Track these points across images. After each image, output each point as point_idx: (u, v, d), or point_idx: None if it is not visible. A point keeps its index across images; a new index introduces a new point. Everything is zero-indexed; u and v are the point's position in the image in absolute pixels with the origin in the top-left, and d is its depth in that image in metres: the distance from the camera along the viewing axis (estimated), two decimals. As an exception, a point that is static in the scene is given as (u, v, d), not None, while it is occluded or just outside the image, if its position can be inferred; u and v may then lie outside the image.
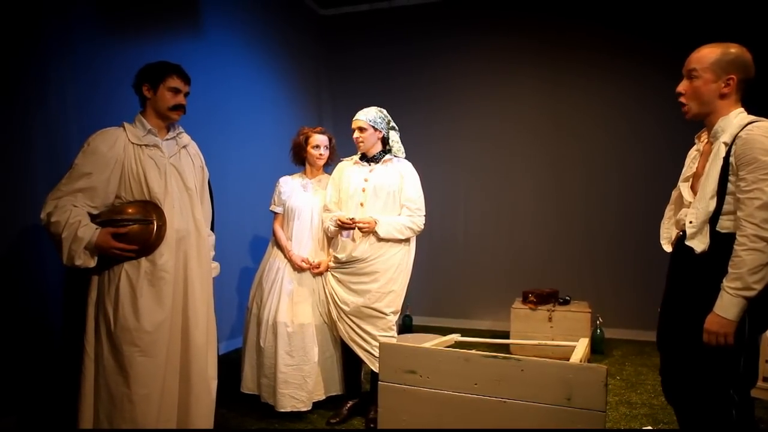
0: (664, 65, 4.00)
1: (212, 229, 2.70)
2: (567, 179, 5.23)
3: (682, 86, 1.94)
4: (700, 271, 1.87)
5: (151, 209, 2.26)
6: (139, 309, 2.20)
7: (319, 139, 3.31)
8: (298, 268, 3.19)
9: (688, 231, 1.89)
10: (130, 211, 2.24)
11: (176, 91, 2.37)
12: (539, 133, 5.30)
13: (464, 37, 5.50)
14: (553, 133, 5.26)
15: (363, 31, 5.88)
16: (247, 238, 4.67)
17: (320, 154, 3.31)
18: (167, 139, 2.42)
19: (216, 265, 2.66)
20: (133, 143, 2.30)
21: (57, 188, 2.21)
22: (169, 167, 2.37)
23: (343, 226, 2.99)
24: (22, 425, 2.76)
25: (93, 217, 2.22)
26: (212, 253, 2.62)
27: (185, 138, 2.51)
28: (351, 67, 5.90)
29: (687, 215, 1.92)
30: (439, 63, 5.57)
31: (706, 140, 2.00)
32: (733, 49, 1.87)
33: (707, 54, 1.89)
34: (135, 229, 2.20)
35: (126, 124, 2.35)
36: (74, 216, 2.14)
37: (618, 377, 3.89)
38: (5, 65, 2.70)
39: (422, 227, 3.07)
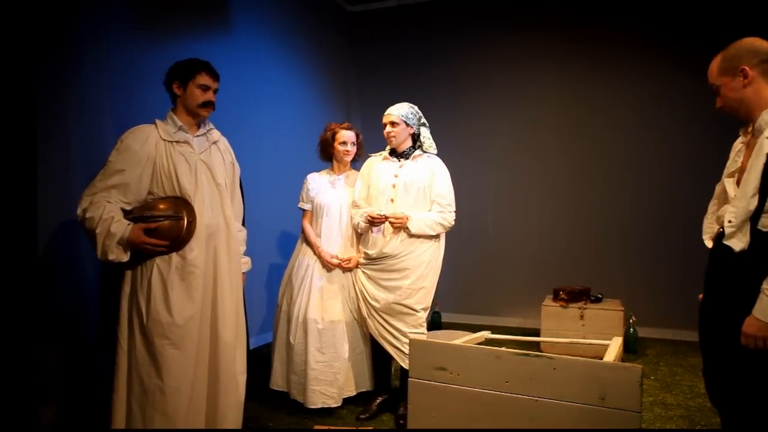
0: (696, 62, 3.89)
1: (243, 224, 2.73)
2: (599, 174, 5.14)
3: (717, 102, 1.98)
4: (739, 270, 1.81)
5: (181, 205, 2.30)
6: (170, 302, 2.24)
7: (346, 135, 3.30)
8: (327, 265, 3.20)
9: (727, 230, 1.84)
10: (161, 207, 2.27)
11: (205, 88, 2.40)
12: (570, 127, 5.22)
13: (492, 34, 5.45)
14: (586, 126, 5.18)
15: (390, 27, 5.87)
16: (276, 235, 4.71)
17: (347, 150, 3.30)
18: (198, 136, 2.45)
19: (247, 260, 2.68)
20: (164, 140, 2.34)
21: (92, 185, 2.26)
22: (200, 163, 2.40)
23: (373, 222, 2.99)
24: (61, 413, 2.85)
25: (125, 213, 2.27)
26: (243, 248, 2.65)
27: (215, 134, 2.54)
28: (378, 63, 5.90)
29: (726, 213, 1.86)
30: (467, 59, 5.53)
31: (750, 133, 1.94)
32: (731, 47, 1.91)
33: (712, 66, 1.95)
34: (165, 224, 2.24)
35: (158, 121, 2.39)
36: (108, 212, 2.19)
37: (652, 377, 3.80)
38: (41, 65, 2.77)
39: (453, 223, 3.05)
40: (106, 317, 3.05)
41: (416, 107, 3.10)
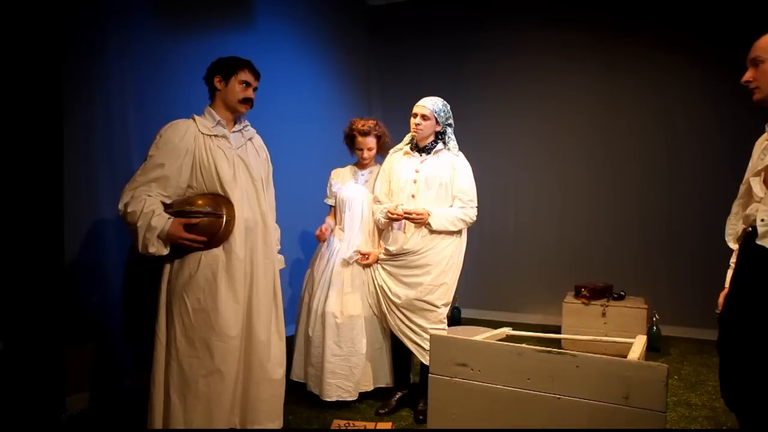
0: (713, 60, 4.05)
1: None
2: (623, 170, 5.06)
3: (748, 75, 1.85)
4: None
5: (221, 203, 2.31)
6: (217, 295, 2.27)
7: (363, 142, 3.26)
8: (319, 235, 3.25)
9: (760, 229, 1.77)
10: (200, 202, 2.28)
11: (247, 84, 2.43)
12: (594, 124, 5.15)
13: (512, 30, 5.38)
14: (609, 123, 5.10)
15: (411, 21, 5.83)
16: (298, 230, 4.72)
17: (363, 157, 3.31)
18: (234, 132, 2.47)
19: (281, 258, 2.67)
20: (203, 134, 2.36)
21: (133, 179, 2.28)
22: (237, 158, 2.42)
23: (393, 219, 2.98)
24: (88, 403, 2.92)
25: (166, 207, 2.28)
26: (278, 247, 2.64)
27: (251, 131, 2.57)
28: (399, 57, 5.87)
29: (759, 212, 1.80)
30: (488, 55, 5.46)
31: None
32: None
33: None
34: (205, 221, 2.25)
35: (195, 116, 2.40)
36: (148, 206, 2.21)
37: (676, 376, 3.74)
38: (69, 64, 2.81)
39: (474, 219, 3.02)
40: (131, 313, 3.11)
41: (449, 106, 3.06)
